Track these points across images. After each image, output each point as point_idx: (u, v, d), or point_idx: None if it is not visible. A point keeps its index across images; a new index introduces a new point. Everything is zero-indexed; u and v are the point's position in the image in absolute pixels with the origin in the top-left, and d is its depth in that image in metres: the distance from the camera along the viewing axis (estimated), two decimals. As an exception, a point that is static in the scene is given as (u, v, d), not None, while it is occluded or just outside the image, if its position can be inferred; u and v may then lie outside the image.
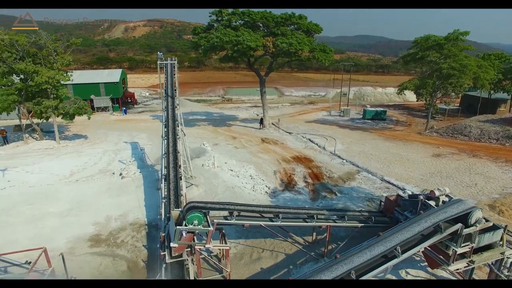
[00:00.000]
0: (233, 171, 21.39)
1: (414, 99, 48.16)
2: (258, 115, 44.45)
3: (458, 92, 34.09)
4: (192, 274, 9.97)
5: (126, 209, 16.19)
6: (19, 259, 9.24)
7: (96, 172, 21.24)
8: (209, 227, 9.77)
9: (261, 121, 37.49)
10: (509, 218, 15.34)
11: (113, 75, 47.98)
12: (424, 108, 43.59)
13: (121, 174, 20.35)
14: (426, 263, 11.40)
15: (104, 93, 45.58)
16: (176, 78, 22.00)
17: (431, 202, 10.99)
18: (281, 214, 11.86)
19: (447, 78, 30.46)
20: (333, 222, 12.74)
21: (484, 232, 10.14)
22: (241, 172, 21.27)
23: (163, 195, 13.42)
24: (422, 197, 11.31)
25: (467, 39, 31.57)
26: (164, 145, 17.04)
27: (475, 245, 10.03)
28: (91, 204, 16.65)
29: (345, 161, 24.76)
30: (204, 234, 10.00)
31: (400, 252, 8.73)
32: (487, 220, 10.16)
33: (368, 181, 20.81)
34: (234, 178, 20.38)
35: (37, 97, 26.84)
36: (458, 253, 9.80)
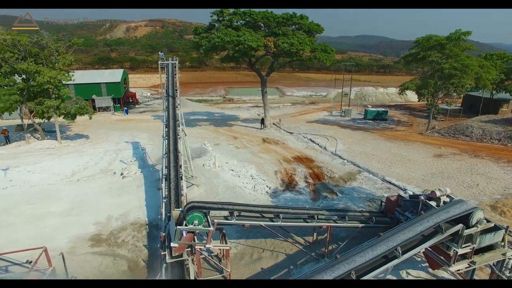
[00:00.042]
0: (234, 171, 21.40)
1: (416, 99, 48.01)
2: (259, 115, 44.43)
3: (459, 92, 33.98)
4: (192, 274, 9.98)
5: (127, 208, 16.23)
6: (20, 258, 9.27)
7: (97, 171, 21.30)
8: (209, 227, 9.77)
9: (262, 121, 37.48)
10: (511, 219, 15.27)
11: (115, 75, 48.08)
12: (426, 108, 43.52)
13: (122, 174, 20.40)
14: (427, 264, 11.37)
15: (106, 93, 45.67)
16: (177, 78, 22.02)
17: (432, 203, 10.94)
18: (281, 214, 11.84)
19: (448, 78, 30.36)
20: (333, 222, 12.73)
21: (485, 232, 10.11)
22: (242, 172, 21.27)
23: (163, 195, 13.43)
24: (423, 197, 11.26)
25: (469, 39, 31.49)
26: (165, 145, 17.06)
27: (476, 246, 10.01)
28: (92, 204, 16.69)
29: (346, 161, 24.72)
30: (205, 234, 10.00)
31: (401, 252, 8.70)
32: (488, 221, 10.13)
33: (369, 181, 20.77)
34: (235, 178, 20.38)
35: (39, 97, 26.96)
36: (459, 254, 9.78)
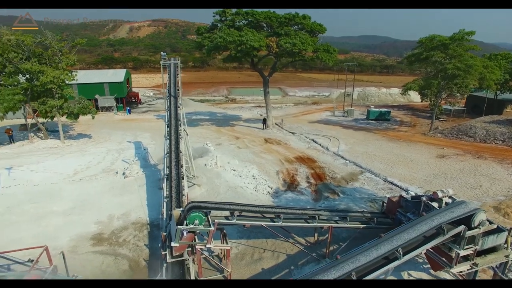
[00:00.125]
0: (235, 171, 21.39)
1: (419, 99, 47.89)
2: (261, 115, 44.41)
3: (463, 93, 33.76)
4: (193, 274, 9.99)
5: (129, 208, 16.28)
6: (22, 257, 9.32)
7: (99, 171, 21.39)
8: (210, 227, 9.78)
9: (264, 121, 37.46)
10: (514, 221, 15.13)
11: (118, 75, 48.27)
12: (429, 109, 43.18)
13: (124, 174, 20.46)
14: (429, 265, 11.30)
15: (109, 92, 45.86)
16: (179, 78, 22.07)
17: (434, 204, 10.87)
18: (282, 215, 11.80)
19: (452, 79, 30.18)
20: (334, 223, 12.68)
21: (488, 234, 10.03)
22: (244, 172, 21.26)
23: (165, 194, 13.46)
24: (425, 198, 11.19)
25: (473, 39, 31.21)
26: (167, 144, 17.09)
27: (478, 247, 9.93)
28: (94, 203, 16.76)
29: (348, 161, 24.63)
30: (205, 234, 10.01)
31: (402, 254, 8.65)
32: (491, 222, 10.04)
33: (371, 182, 20.69)
34: (236, 178, 20.37)
35: (42, 97, 27.15)
36: (461, 255, 9.72)
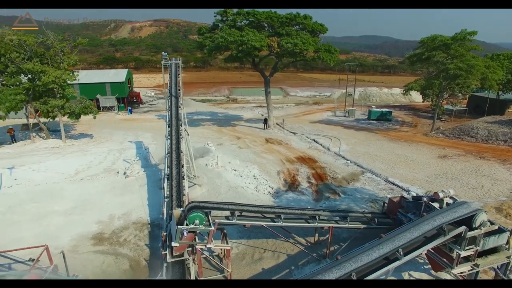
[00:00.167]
0: (236, 171, 21.40)
1: (420, 100, 47.68)
2: (263, 115, 44.37)
3: (465, 93, 33.60)
4: (193, 274, 10.00)
5: (130, 208, 16.30)
6: (24, 256, 9.36)
7: (100, 171, 21.43)
8: (210, 227, 9.79)
9: (265, 121, 37.45)
10: (516, 221, 15.06)
11: (119, 75, 48.40)
12: (430, 109, 43.12)
13: (125, 173, 20.49)
14: (430, 266, 11.26)
15: (110, 92, 46.00)
16: (181, 78, 22.11)
17: (435, 204, 10.85)
18: (282, 215, 11.79)
19: (453, 79, 30.06)
20: (335, 223, 12.67)
21: (489, 235, 10.00)
22: (245, 172, 21.26)
23: (165, 194, 13.48)
24: (426, 199, 11.16)
25: (476, 39, 31.07)
26: (168, 144, 17.13)
27: (479, 248, 9.90)
28: (95, 203, 16.79)
29: (349, 161, 24.59)
30: (206, 233, 10.02)
31: (402, 254, 8.63)
32: (492, 223, 10.01)
33: (372, 182, 20.64)
34: (237, 178, 20.38)
35: (44, 97, 27.26)
36: (462, 256, 9.68)
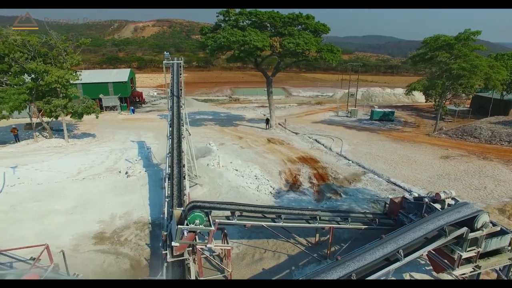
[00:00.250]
0: (238, 171, 21.39)
1: (423, 100, 47.35)
2: (265, 115, 44.36)
3: (468, 93, 33.45)
4: (193, 274, 9.99)
5: (131, 207, 16.33)
6: (24, 255, 9.40)
7: (102, 170, 21.51)
8: (210, 226, 9.78)
9: (267, 121, 37.42)
10: (519, 223, 14.94)
11: (122, 74, 48.57)
12: (433, 109, 42.86)
13: (127, 173, 20.55)
14: (431, 267, 11.19)
15: (113, 92, 46.16)
16: (182, 78, 22.16)
17: (437, 205, 10.77)
18: (283, 215, 11.77)
19: (457, 79, 29.88)
20: (336, 223, 12.62)
21: (491, 236, 9.91)
22: (246, 172, 21.25)
23: (166, 194, 13.49)
24: (427, 199, 11.09)
25: (480, 38, 30.87)
26: (169, 144, 17.15)
27: (481, 249, 9.82)
28: (96, 202, 16.85)
29: (351, 162, 24.51)
30: (206, 233, 10.01)
31: (403, 255, 8.57)
32: (494, 224, 9.93)
33: (374, 182, 20.56)
34: (238, 178, 20.37)
35: (47, 96, 27.40)
36: (463, 257, 9.61)
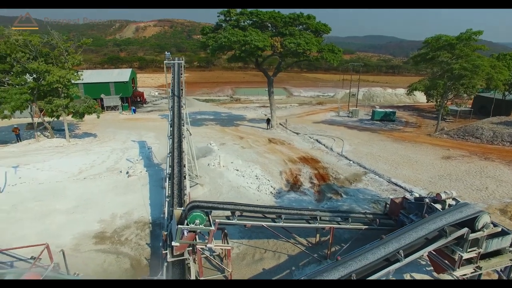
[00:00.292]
0: (238, 171, 21.39)
1: (425, 100, 47.24)
2: (266, 115, 44.37)
3: (470, 93, 33.34)
4: (193, 274, 9.99)
5: (131, 207, 16.35)
6: (25, 254, 9.43)
7: (103, 170, 21.54)
8: (211, 226, 9.78)
9: (268, 121, 37.41)
10: (520, 223, 14.87)
11: (123, 74, 48.69)
12: (435, 110, 42.74)
13: (127, 173, 20.57)
14: (432, 268, 11.15)
15: (114, 92, 46.28)
16: (183, 78, 22.17)
17: (437, 205, 10.74)
18: (283, 215, 11.76)
19: (458, 79, 29.80)
20: (336, 224, 12.60)
21: (492, 237, 9.86)
22: (247, 172, 21.25)
23: (166, 194, 13.50)
24: (428, 200, 11.06)
25: (482, 38, 30.76)
26: (170, 144, 17.16)
27: (482, 250, 9.77)
28: (97, 202, 16.87)
29: (352, 162, 24.47)
30: (206, 233, 10.01)
31: (403, 256, 8.54)
32: (495, 225, 9.88)
33: (374, 182, 20.52)
34: (239, 178, 20.37)
35: (48, 96, 27.48)
36: (464, 258, 9.56)
